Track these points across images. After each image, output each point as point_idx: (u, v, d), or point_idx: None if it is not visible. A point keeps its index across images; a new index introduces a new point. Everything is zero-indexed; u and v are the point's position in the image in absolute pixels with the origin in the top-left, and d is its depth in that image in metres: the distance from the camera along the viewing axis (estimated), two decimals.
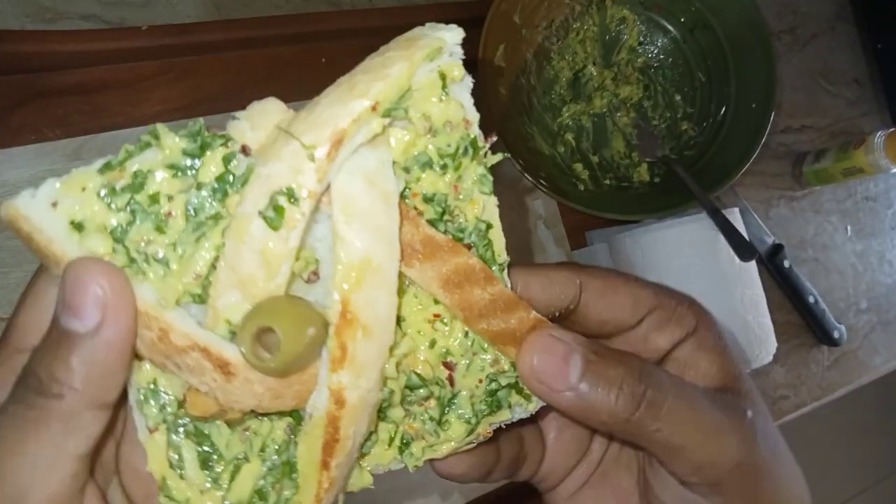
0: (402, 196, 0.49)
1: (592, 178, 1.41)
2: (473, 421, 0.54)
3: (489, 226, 0.53)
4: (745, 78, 1.38)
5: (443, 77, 0.50)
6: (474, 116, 0.52)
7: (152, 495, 0.50)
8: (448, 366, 0.53)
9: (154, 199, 0.45)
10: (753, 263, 1.31)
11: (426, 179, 0.51)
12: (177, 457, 0.49)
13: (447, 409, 0.54)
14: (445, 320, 0.53)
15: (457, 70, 0.51)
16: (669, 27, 1.45)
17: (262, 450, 0.50)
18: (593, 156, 1.44)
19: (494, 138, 0.53)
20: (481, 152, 0.53)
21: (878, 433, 3.16)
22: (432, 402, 0.53)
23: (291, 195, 0.44)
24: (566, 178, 1.38)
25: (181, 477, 0.49)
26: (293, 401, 0.47)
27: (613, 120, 1.46)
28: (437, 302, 0.52)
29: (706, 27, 1.41)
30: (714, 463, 0.50)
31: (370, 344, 0.46)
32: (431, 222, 0.51)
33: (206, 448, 0.49)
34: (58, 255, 0.42)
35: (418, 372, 0.52)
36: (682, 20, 1.43)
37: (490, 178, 0.53)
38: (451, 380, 0.53)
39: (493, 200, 0.54)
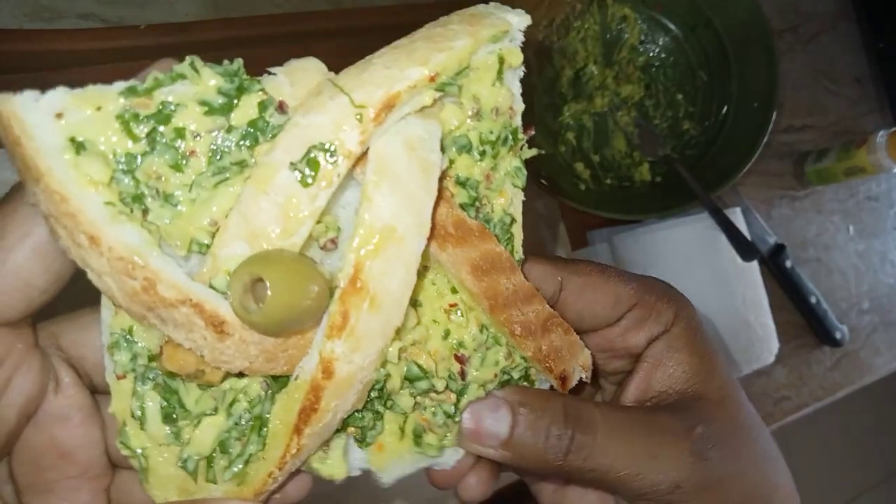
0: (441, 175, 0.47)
1: (593, 178, 1.41)
2: None
3: (513, 220, 0.53)
4: (747, 77, 1.38)
5: (501, 62, 0.49)
6: (520, 107, 0.51)
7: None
8: (460, 359, 0.52)
9: (179, 133, 0.42)
10: (755, 263, 1.30)
11: (461, 163, 0.50)
12: (139, 408, 0.46)
13: (457, 407, 0.52)
14: (461, 311, 0.51)
15: (515, 57, 0.50)
16: (671, 26, 1.45)
17: (232, 403, 0.47)
18: (594, 155, 1.43)
19: (532, 132, 0.52)
20: (519, 144, 0.52)
21: (881, 434, 3.15)
22: (450, 396, 0.52)
23: (331, 152, 0.42)
24: (567, 177, 1.38)
25: (141, 427, 0.46)
26: (286, 365, 0.45)
27: (615, 119, 1.45)
28: (454, 291, 0.51)
29: (708, 26, 1.40)
30: (656, 488, 0.51)
31: (375, 318, 0.43)
32: (462, 206, 0.50)
33: (171, 403, 0.46)
34: (41, 170, 0.38)
35: (420, 363, 0.50)
36: (684, 19, 1.43)
37: (524, 172, 0.52)
38: (462, 374, 0.52)
39: (521, 195, 0.53)
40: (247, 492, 0.47)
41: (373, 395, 0.49)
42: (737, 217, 1.29)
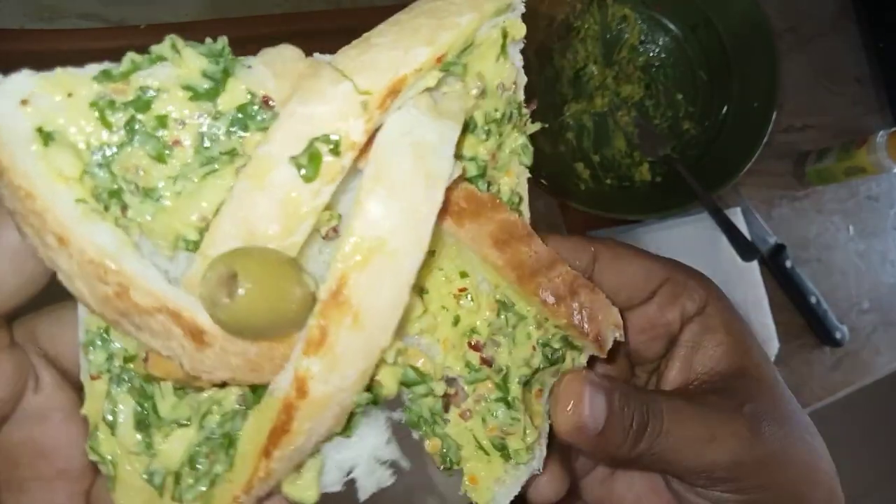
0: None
1: (594, 178, 1.41)
2: (538, 385, 0.50)
3: (521, 198, 0.51)
4: (747, 77, 1.38)
5: (504, 35, 0.45)
6: (522, 80, 0.48)
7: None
8: (475, 346, 0.48)
9: (161, 121, 0.38)
10: (755, 263, 1.30)
11: (466, 143, 0.46)
12: (111, 411, 0.42)
13: (507, 391, 0.48)
14: (471, 295, 0.48)
15: (519, 29, 0.46)
16: (671, 26, 1.45)
17: (205, 416, 0.43)
18: (594, 155, 1.43)
19: (535, 106, 0.50)
20: (525, 119, 0.49)
21: (882, 434, 3.14)
22: (490, 387, 0.48)
23: (334, 144, 0.38)
24: (567, 177, 1.38)
25: (112, 433, 0.43)
26: (272, 375, 0.41)
27: (615, 119, 1.45)
28: (463, 276, 0.48)
29: (708, 25, 1.40)
30: (713, 468, 0.51)
31: (357, 337, 0.39)
32: (470, 180, 0.47)
33: (145, 409, 0.43)
34: (4, 163, 0.35)
35: (417, 366, 0.46)
36: (684, 19, 1.43)
37: (531, 148, 0.49)
38: (485, 361, 0.48)
39: (526, 173, 0.50)
40: None
41: (423, 420, 0.47)
42: (737, 217, 1.29)
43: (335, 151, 0.38)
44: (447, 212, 0.43)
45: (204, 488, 0.42)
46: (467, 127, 0.45)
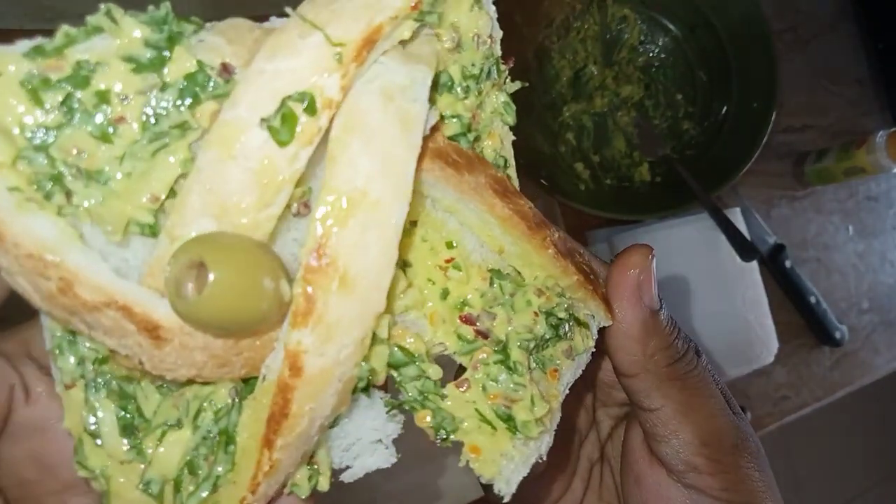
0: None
1: (593, 178, 1.41)
2: (548, 354, 0.47)
3: (507, 162, 0.48)
4: (747, 77, 1.38)
5: None
6: (498, 34, 0.45)
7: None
8: (468, 319, 0.45)
9: (102, 97, 0.35)
10: (755, 263, 1.30)
11: (443, 102, 0.43)
12: (93, 420, 0.39)
13: (507, 356, 0.45)
14: (461, 266, 0.45)
15: None
16: (670, 26, 1.45)
17: (197, 415, 0.39)
18: (594, 155, 1.43)
19: (512, 63, 0.47)
20: (504, 77, 0.46)
21: (880, 434, 3.15)
22: (490, 353, 0.44)
23: (308, 102, 0.34)
24: (567, 177, 1.38)
25: (97, 444, 0.39)
26: (243, 369, 0.38)
27: (614, 119, 1.45)
28: (449, 246, 0.45)
29: (707, 26, 1.40)
30: (718, 441, 0.52)
31: (349, 301, 0.35)
32: (453, 138, 0.44)
33: (128, 412, 0.39)
34: None
35: (404, 346, 0.43)
36: (684, 19, 1.43)
37: (513, 106, 0.47)
38: (480, 334, 0.45)
39: (510, 136, 0.48)
40: None
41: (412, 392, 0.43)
42: (736, 217, 1.29)
43: (310, 110, 0.35)
44: (445, 161, 0.40)
45: (206, 493, 0.39)
46: (445, 84, 0.43)
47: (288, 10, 0.37)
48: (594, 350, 0.51)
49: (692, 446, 0.52)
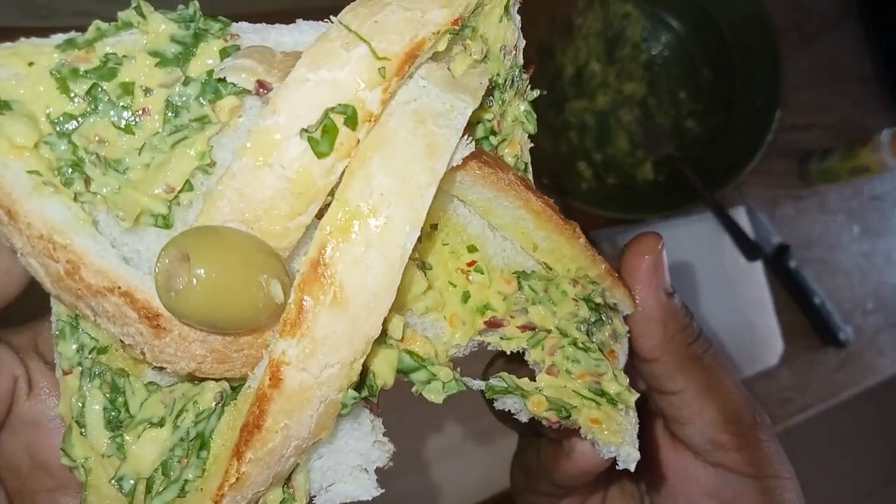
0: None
1: (596, 177, 1.39)
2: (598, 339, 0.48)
3: (526, 165, 0.50)
4: (751, 75, 1.37)
5: None
6: (522, 43, 0.45)
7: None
8: (493, 323, 0.45)
9: (127, 89, 0.36)
10: (759, 263, 1.29)
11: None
12: (80, 409, 0.39)
13: (574, 339, 0.46)
14: (482, 268, 0.45)
15: None
16: (673, 23, 1.44)
17: (180, 414, 0.39)
18: (596, 154, 1.42)
19: (532, 71, 0.48)
20: (525, 84, 0.47)
21: (885, 436, 3.13)
22: (555, 338, 0.46)
23: (350, 115, 0.34)
24: (569, 176, 1.36)
25: (82, 434, 0.40)
26: (244, 367, 0.38)
27: (617, 117, 1.44)
28: (471, 250, 0.45)
29: (711, 23, 1.39)
30: (739, 417, 0.53)
31: (340, 319, 0.35)
32: (477, 141, 0.44)
33: (116, 406, 0.40)
34: None
35: (413, 350, 0.43)
36: (687, 16, 1.42)
37: (534, 115, 0.48)
38: (527, 328, 0.46)
39: (529, 143, 0.49)
40: None
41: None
42: (740, 216, 1.28)
43: (351, 123, 0.35)
44: (480, 161, 0.41)
45: (172, 496, 0.38)
46: None
47: (332, 18, 0.37)
48: (630, 335, 0.52)
49: (717, 424, 0.53)
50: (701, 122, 1.43)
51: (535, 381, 0.46)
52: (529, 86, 0.48)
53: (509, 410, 0.46)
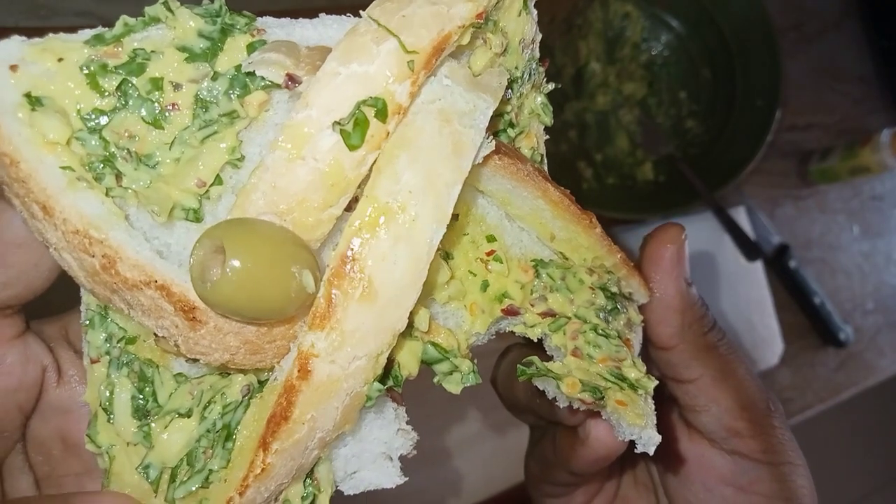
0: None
1: (596, 177, 1.39)
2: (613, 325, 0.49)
3: (542, 157, 0.50)
4: (751, 75, 1.37)
5: None
6: (538, 36, 0.46)
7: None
8: (510, 311, 0.46)
9: (156, 84, 0.37)
10: (759, 263, 1.29)
11: None
12: (108, 397, 0.40)
13: (595, 325, 0.48)
14: (501, 257, 0.46)
15: None
16: (673, 23, 1.44)
17: (208, 405, 0.40)
18: (597, 154, 1.42)
19: (547, 65, 0.49)
20: (542, 77, 0.48)
21: (885, 436, 3.13)
22: (577, 323, 0.47)
23: (381, 108, 0.35)
24: (569, 176, 1.36)
25: (109, 421, 0.40)
26: (275, 358, 0.39)
27: (617, 117, 1.44)
28: (490, 239, 0.47)
29: (711, 23, 1.39)
30: (754, 404, 0.54)
31: (368, 313, 0.36)
32: (495, 134, 0.46)
33: (144, 395, 0.40)
34: None
35: (437, 342, 0.44)
36: (687, 16, 1.42)
37: (550, 107, 0.49)
38: (548, 314, 0.48)
39: (544, 135, 0.50)
40: None
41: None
42: (740, 216, 1.28)
43: (381, 116, 0.35)
44: (501, 152, 0.42)
45: (196, 487, 0.39)
46: None
47: (361, 12, 0.38)
48: (644, 324, 0.53)
49: (733, 411, 0.54)
50: (701, 122, 1.43)
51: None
52: (545, 78, 0.48)
53: (545, 391, 0.47)
